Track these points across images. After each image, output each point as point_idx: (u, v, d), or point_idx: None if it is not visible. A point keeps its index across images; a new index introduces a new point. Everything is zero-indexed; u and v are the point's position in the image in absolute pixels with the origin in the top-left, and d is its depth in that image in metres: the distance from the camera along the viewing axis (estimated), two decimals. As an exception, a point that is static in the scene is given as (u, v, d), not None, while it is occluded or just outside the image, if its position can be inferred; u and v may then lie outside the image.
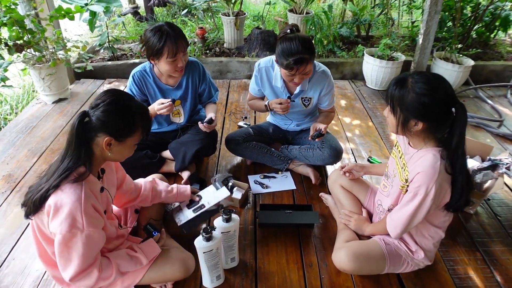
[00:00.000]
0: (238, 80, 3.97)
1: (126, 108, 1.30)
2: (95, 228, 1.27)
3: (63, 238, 1.22)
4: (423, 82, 1.32)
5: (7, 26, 2.85)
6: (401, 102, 1.36)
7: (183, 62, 2.01)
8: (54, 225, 1.22)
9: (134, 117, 1.31)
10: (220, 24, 4.81)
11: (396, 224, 1.51)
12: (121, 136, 1.31)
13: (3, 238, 1.90)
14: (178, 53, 1.95)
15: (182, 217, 1.87)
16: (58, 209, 1.21)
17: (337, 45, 4.32)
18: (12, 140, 2.78)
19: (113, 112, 1.26)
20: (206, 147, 2.29)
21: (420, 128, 1.37)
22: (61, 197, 1.22)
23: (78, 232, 1.22)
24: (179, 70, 2.05)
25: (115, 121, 1.27)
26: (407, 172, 1.49)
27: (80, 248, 1.24)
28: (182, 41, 1.96)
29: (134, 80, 2.14)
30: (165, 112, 1.99)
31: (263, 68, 2.20)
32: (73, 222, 1.21)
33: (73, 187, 1.24)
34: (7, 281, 1.66)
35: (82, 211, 1.22)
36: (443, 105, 1.33)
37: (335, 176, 2.00)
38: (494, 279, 1.72)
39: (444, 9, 3.89)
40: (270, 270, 1.73)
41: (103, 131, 1.27)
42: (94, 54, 4.18)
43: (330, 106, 2.26)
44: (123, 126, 1.30)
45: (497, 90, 3.80)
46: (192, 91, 2.24)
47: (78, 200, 1.22)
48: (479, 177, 2.00)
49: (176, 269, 1.51)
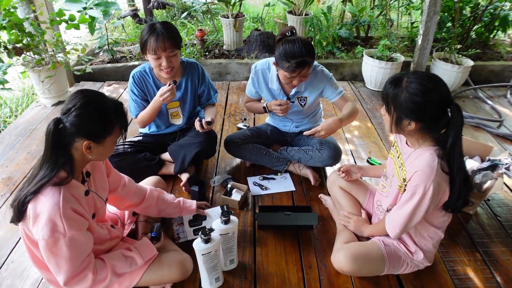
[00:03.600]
0: (238, 82, 3.97)
1: (99, 108, 1.25)
2: (77, 231, 1.25)
3: (46, 244, 1.21)
4: (417, 83, 1.32)
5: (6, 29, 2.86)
6: (395, 101, 1.37)
7: (167, 62, 1.97)
8: (36, 231, 1.21)
9: (108, 116, 1.27)
10: (219, 26, 4.82)
11: (395, 224, 1.50)
12: (100, 138, 1.27)
13: (2, 241, 1.89)
14: (159, 51, 1.93)
15: (181, 234, 1.88)
16: (37, 215, 1.20)
17: (336, 46, 4.32)
18: (11, 143, 2.78)
19: (86, 115, 1.22)
20: (206, 150, 2.28)
21: (413, 128, 1.37)
22: (39, 203, 1.20)
23: (61, 236, 1.20)
24: (164, 70, 2.02)
25: (90, 124, 1.23)
26: (405, 172, 1.48)
27: (66, 252, 1.23)
28: (169, 41, 1.92)
29: (134, 80, 2.15)
30: (170, 97, 2.00)
31: (259, 71, 2.20)
32: (54, 226, 1.19)
33: (52, 191, 1.21)
34: (6, 284, 1.66)
35: (61, 215, 1.19)
36: (436, 106, 1.32)
37: (334, 177, 2.00)
38: (494, 279, 1.71)
39: (443, 10, 3.89)
40: (269, 272, 1.72)
41: (80, 136, 1.23)
42: (93, 56, 4.19)
43: (339, 95, 2.14)
44: (100, 127, 1.26)
45: (496, 90, 3.80)
46: (191, 93, 2.24)
47: (57, 204, 1.19)
48: (478, 178, 2.00)
49: (173, 271, 1.51)
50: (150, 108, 2.11)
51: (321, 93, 2.17)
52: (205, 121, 2.11)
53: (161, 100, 2.01)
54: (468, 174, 1.41)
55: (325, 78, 2.12)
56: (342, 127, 2.55)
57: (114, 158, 2.11)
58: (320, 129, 1.97)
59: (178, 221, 1.94)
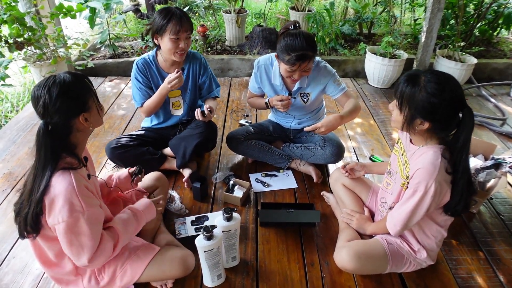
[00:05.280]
0: (240, 78, 3.95)
1: (63, 87, 1.24)
2: (93, 207, 1.28)
3: (67, 225, 1.22)
4: (435, 83, 1.29)
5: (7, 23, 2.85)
6: (411, 100, 1.34)
7: (185, 44, 2.02)
8: (53, 217, 1.22)
9: (74, 85, 1.27)
10: (221, 21, 4.79)
11: (396, 221, 1.50)
12: (85, 105, 1.30)
13: (3, 236, 1.89)
14: (181, 32, 1.97)
15: (182, 231, 1.88)
16: (53, 201, 1.21)
17: (339, 43, 4.29)
18: (13, 138, 2.77)
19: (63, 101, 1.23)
20: (206, 141, 2.27)
21: (425, 127, 1.36)
22: (53, 190, 1.21)
23: (80, 215, 1.23)
24: (179, 52, 2.05)
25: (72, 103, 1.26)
26: (408, 169, 1.48)
27: (87, 230, 1.25)
28: (187, 23, 1.99)
29: (138, 67, 2.16)
30: (178, 84, 2.03)
31: (262, 66, 2.19)
32: (71, 206, 1.21)
33: (62, 175, 1.23)
34: (7, 279, 1.66)
35: (77, 194, 1.22)
36: (451, 108, 1.31)
37: (337, 174, 1.99)
38: (497, 278, 1.70)
39: (447, 7, 3.86)
40: (271, 269, 1.72)
41: (73, 117, 1.27)
42: (95, 51, 4.18)
43: (340, 92, 2.12)
44: (78, 98, 1.28)
45: (500, 88, 3.78)
46: (192, 81, 2.24)
47: (70, 184, 1.21)
48: (482, 176, 1.98)
49: (175, 267, 1.50)
50: (157, 96, 2.13)
51: (324, 89, 2.15)
52: (206, 107, 2.09)
53: (169, 87, 2.03)
54: (471, 178, 1.40)
55: (328, 74, 2.11)
56: (343, 124, 2.54)
57: (118, 150, 2.12)
58: (320, 125, 1.96)
59: (181, 220, 1.94)
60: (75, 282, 1.46)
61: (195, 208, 2.09)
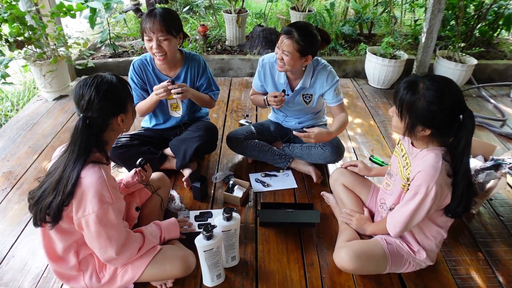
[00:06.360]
0: (240, 77, 3.95)
1: (109, 86, 1.32)
2: (120, 200, 1.34)
3: (97, 217, 1.25)
4: (434, 90, 1.29)
5: (8, 22, 2.84)
6: (411, 108, 1.34)
7: (156, 45, 1.94)
8: (83, 208, 1.25)
9: (117, 87, 1.35)
10: (222, 21, 4.79)
11: (396, 222, 1.50)
12: (125, 107, 1.39)
13: (3, 235, 1.89)
14: (152, 32, 1.91)
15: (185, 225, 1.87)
16: (84, 192, 1.24)
17: (339, 43, 4.30)
18: (12, 137, 2.77)
19: (106, 98, 1.30)
20: (206, 144, 2.27)
21: (426, 134, 1.36)
22: (84, 182, 1.25)
23: (109, 207, 1.27)
24: (156, 55, 2.00)
25: (114, 103, 1.33)
26: (408, 171, 1.48)
27: (115, 220, 1.30)
28: (161, 24, 1.90)
29: (134, 68, 2.15)
30: (163, 94, 1.98)
31: (266, 64, 2.19)
32: (102, 198, 1.25)
33: (92, 168, 1.28)
34: (7, 278, 1.66)
35: (107, 186, 1.27)
36: (452, 113, 1.31)
37: (337, 174, 1.99)
38: (496, 279, 1.70)
39: (447, 8, 3.86)
40: (270, 269, 1.72)
41: (113, 116, 1.34)
42: (95, 51, 4.18)
43: (337, 103, 2.15)
44: (120, 99, 1.36)
45: (500, 89, 3.78)
46: (190, 84, 2.22)
47: (101, 177, 1.26)
48: (481, 177, 1.99)
49: (176, 267, 1.51)
50: (148, 101, 2.11)
51: (323, 94, 2.16)
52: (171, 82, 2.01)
53: (157, 97, 2.01)
54: (472, 180, 1.40)
55: (332, 80, 2.11)
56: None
57: (119, 150, 2.12)
58: (312, 136, 2.01)
59: (185, 214, 1.96)
60: (77, 278, 1.46)
61: (195, 208, 2.09)
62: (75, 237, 1.38)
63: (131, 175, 1.79)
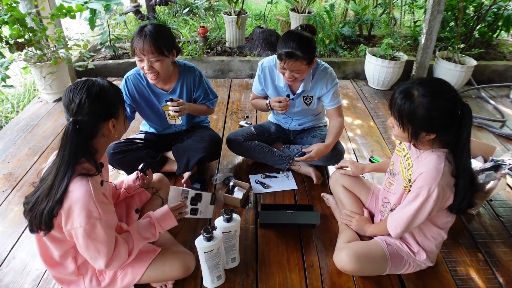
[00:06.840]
0: (240, 79, 3.96)
1: (100, 89, 1.29)
2: (110, 214, 1.29)
3: (84, 231, 1.22)
4: (430, 95, 1.29)
5: (8, 24, 2.85)
6: (412, 118, 1.33)
7: (148, 66, 1.88)
8: (71, 222, 1.23)
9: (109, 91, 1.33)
10: (221, 23, 4.80)
11: (397, 223, 1.50)
12: (116, 111, 1.35)
13: (3, 236, 1.89)
14: (142, 53, 1.85)
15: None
16: (70, 207, 1.22)
17: (339, 45, 4.30)
18: (13, 138, 2.77)
19: (97, 102, 1.27)
20: (210, 155, 2.27)
21: (431, 137, 1.36)
22: (71, 196, 1.22)
23: (97, 221, 1.24)
24: (148, 76, 1.95)
25: (105, 106, 1.30)
26: (410, 172, 1.48)
27: (104, 235, 1.26)
28: (152, 45, 1.83)
29: (126, 84, 2.10)
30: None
31: (266, 68, 2.19)
32: (89, 213, 1.22)
33: (79, 181, 1.23)
34: (7, 280, 1.66)
35: (94, 201, 1.23)
36: (452, 112, 1.31)
37: (337, 176, 1.99)
38: (496, 280, 1.71)
39: (447, 9, 3.87)
40: (271, 271, 1.72)
41: (102, 121, 1.30)
42: (95, 52, 4.18)
43: (334, 105, 2.16)
44: (111, 103, 1.33)
45: (499, 90, 3.79)
46: (187, 96, 2.16)
47: (88, 191, 1.22)
48: (481, 178, 1.99)
49: (176, 268, 1.51)
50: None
51: (322, 96, 2.17)
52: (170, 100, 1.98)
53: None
54: (474, 175, 1.41)
55: (332, 82, 2.12)
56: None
57: (117, 156, 2.10)
58: (314, 155, 2.05)
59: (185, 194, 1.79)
60: (77, 283, 1.46)
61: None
62: (69, 245, 1.36)
63: (132, 179, 1.77)
